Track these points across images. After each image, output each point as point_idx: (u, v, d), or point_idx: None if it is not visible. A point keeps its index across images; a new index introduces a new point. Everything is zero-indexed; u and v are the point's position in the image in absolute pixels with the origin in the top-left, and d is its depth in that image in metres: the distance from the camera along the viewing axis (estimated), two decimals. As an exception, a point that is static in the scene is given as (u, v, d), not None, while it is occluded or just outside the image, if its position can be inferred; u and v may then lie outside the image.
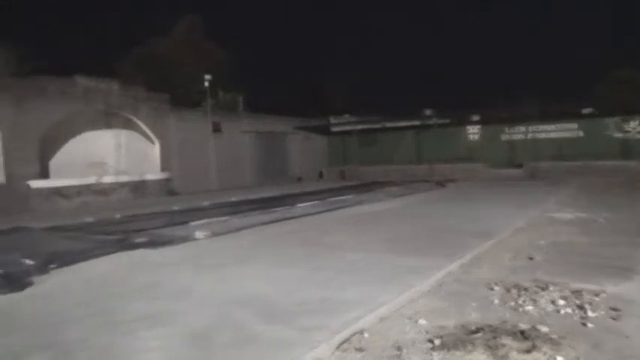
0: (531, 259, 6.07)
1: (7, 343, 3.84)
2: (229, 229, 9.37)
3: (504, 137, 23.53)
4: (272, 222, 10.32)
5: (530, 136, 22.91)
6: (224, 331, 3.88)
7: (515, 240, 7.35)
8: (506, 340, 3.48)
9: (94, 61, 23.84)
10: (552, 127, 22.35)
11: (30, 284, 5.68)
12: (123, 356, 3.45)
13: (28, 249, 7.67)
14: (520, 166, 22.16)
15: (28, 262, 6.64)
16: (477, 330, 3.71)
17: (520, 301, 4.39)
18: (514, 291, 4.70)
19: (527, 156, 22.33)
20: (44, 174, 16.79)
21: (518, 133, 23.21)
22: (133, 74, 26.65)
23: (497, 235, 7.62)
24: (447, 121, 25.07)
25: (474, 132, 24.47)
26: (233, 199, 16.54)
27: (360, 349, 3.49)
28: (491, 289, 4.83)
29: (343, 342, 3.62)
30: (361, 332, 3.78)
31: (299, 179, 26.76)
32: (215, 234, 8.85)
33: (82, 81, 17.30)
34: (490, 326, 3.78)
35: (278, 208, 12.78)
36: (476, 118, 24.38)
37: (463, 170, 23.17)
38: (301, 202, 14.02)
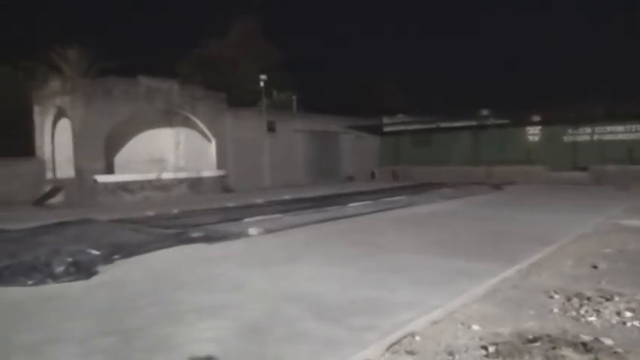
0: (595, 267, 5.76)
1: (74, 327, 4.10)
2: (282, 227, 9.52)
3: (567, 139, 22.40)
4: (324, 221, 10.38)
5: (595, 137, 21.67)
6: (276, 326, 3.96)
7: (578, 247, 7.00)
8: (567, 352, 3.32)
9: (155, 62, 24.89)
10: (621, 128, 21.03)
11: (95, 273, 6.04)
12: (179, 346, 3.59)
13: (94, 240, 8.12)
14: (584, 169, 21.02)
15: (94, 252, 7.03)
16: (535, 339, 3.57)
17: (582, 311, 4.18)
18: (575, 300, 4.49)
19: (592, 159, 21.14)
20: (109, 169, 17.76)
21: (583, 134, 22.02)
22: (192, 74, 27.64)
23: (559, 241, 7.28)
24: (506, 121, 24.21)
25: (534, 133, 23.48)
26: (286, 197, 16.76)
27: (410, 352, 3.45)
28: (551, 297, 4.63)
29: (394, 344, 3.59)
30: (412, 335, 3.74)
31: (351, 179, 26.73)
32: (268, 231, 9.02)
33: (145, 81, 18.11)
34: (549, 336, 3.62)
35: (330, 208, 12.83)
36: (536, 118, 23.38)
37: (522, 173, 22.27)
38: (353, 202, 14.01)
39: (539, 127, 23.29)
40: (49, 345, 3.69)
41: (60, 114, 17.72)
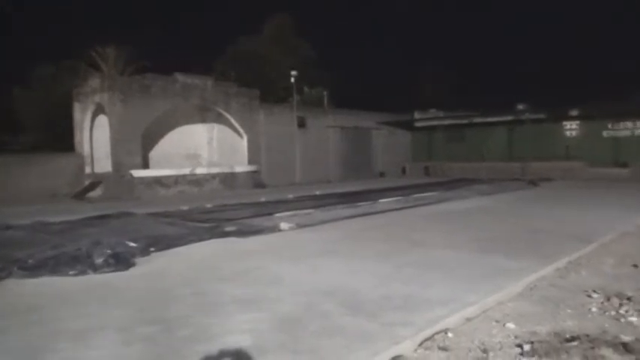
0: (637, 266, 5.59)
1: (116, 316, 4.26)
2: (314, 222, 9.59)
3: (607, 134, 21.66)
4: (356, 216, 10.39)
5: (637, 133, 20.89)
6: (310, 319, 4.01)
7: (620, 246, 6.80)
8: (606, 352, 3.26)
9: (191, 60, 25.34)
10: (666, 123, 20.20)
11: (133, 265, 6.24)
12: (217, 336, 3.70)
13: (132, 232, 8.38)
14: (625, 165, 20.28)
15: (132, 244, 7.24)
16: (573, 339, 3.51)
17: (622, 311, 4.07)
18: (615, 300, 4.37)
19: (634, 155, 20.37)
20: (145, 164, 18.24)
21: (624, 129, 21.25)
22: (226, 72, 28.02)
23: (599, 239, 7.09)
24: (542, 116, 23.55)
25: (571, 128, 22.81)
26: (317, 192, 16.84)
27: (444, 349, 3.45)
28: (590, 296, 4.53)
29: (426, 340, 3.60)
30: (445, 332, 3.73)
31: (382, 174, 26.61)
32: (300, 226, 9.10)
33: (181, 78, 18.48)
34: (587, 336, 3.55)
35: (361, 203, 12.83)
36: (574, 113, 22.67)
37: (559, 169, 21.69)
38: (385, 198, 13.96)
39: (578, 122, 22.61)
40: (93, 332, 3.85)
41: (98, 110, 18.28)
